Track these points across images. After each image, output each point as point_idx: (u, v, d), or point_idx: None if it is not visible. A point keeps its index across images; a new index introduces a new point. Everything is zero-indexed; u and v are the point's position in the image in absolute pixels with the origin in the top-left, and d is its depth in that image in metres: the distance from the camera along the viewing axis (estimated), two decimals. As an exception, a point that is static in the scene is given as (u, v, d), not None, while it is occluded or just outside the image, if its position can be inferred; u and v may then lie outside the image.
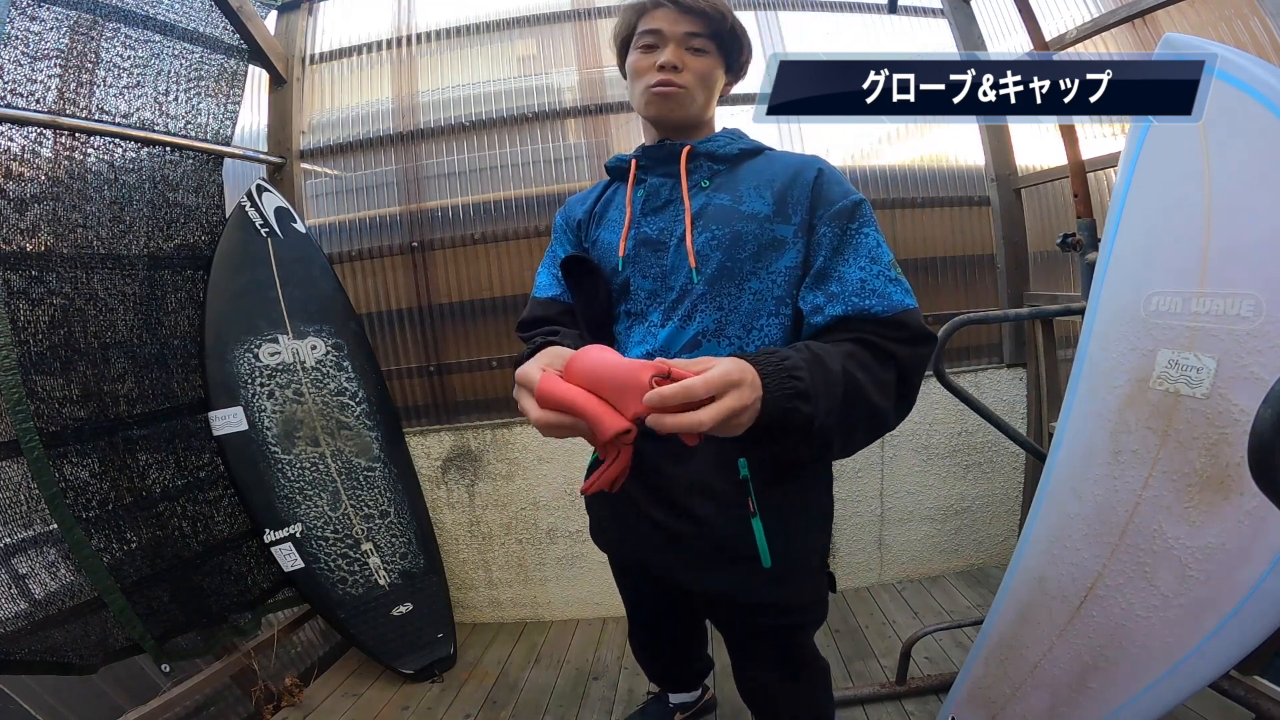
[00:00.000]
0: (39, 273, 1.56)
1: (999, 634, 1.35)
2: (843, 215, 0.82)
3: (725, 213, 0.86)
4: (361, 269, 2.38)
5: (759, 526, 0.86)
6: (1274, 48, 1.48)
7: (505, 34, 2.46)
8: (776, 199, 0.85)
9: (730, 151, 0.90)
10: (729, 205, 0.87)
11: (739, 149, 0.91)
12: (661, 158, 0.92)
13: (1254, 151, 1.02)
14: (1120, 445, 1.17)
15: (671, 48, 0.87)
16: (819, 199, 0.83)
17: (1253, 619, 0.98)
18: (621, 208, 0.95)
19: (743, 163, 0.91)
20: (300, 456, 1.99)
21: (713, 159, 0.91)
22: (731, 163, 0.91)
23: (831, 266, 0.81)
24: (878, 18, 2.44)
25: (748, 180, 0.88)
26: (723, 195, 0.88)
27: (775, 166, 0.88)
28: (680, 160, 0.90)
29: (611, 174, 1.01)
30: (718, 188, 0.89)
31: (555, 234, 1.06)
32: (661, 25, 0.87)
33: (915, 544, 2.38)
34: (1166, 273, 1.13)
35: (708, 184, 0.90)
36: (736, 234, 0.84)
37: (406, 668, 2.01)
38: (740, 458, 0.86)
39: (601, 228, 0.97)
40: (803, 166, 0.86)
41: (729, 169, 0.90)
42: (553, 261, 1.03)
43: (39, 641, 1.47)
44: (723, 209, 0.87)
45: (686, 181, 0.89)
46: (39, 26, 1.59)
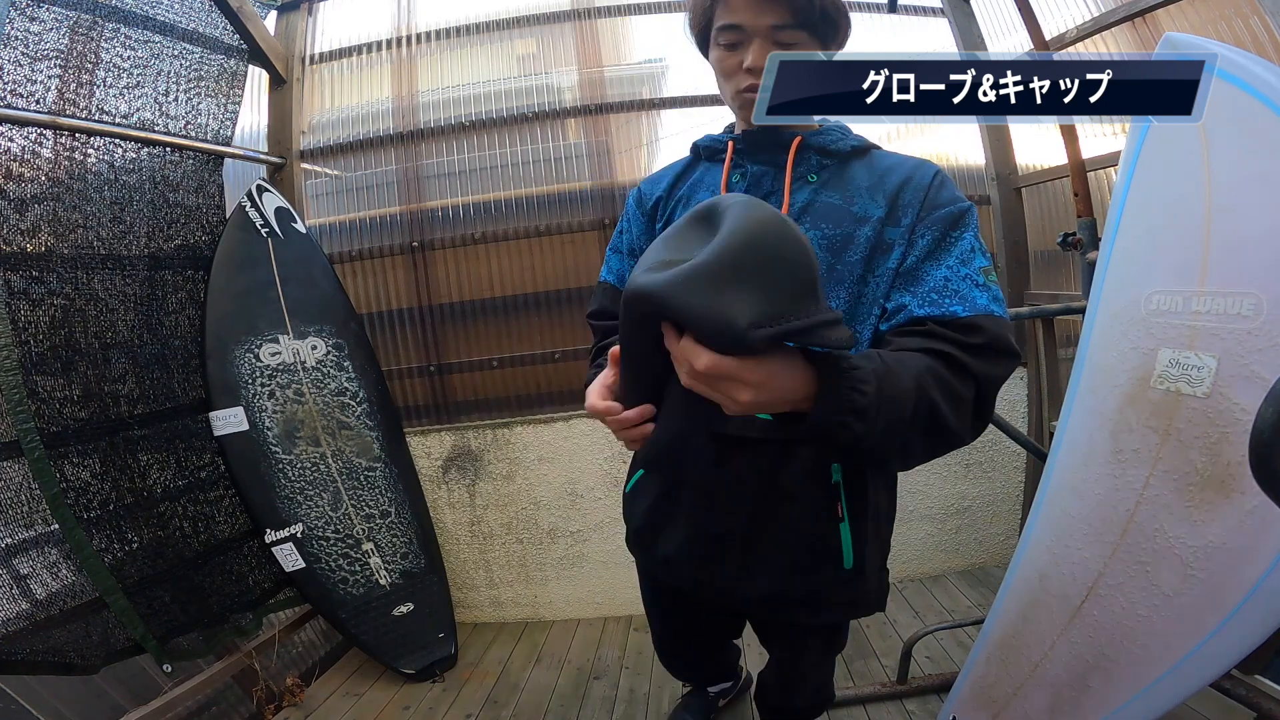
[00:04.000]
0: (39, 273, 1.57)
1: (1000, 633, 1.35)
2: (946, 220, 0.78)
3: (836, 212, 0.81)
4: (362, 269, 2.38)
5: (846, 530, 0.85)
6: (1274, 46, 1.48)
7: (505, 34, 2.46)
8: (889, 201, 0.80)
9: (842, 148, 0.84)
10: (839, 204, 0.81)
11: (850, 146, 0.85)
12: (765, 144, 0.85)
13: (1254, 150, 1.02)
14: (1121, 444, 1.17)
15: (757, 45, 0.77)
16: (929, 202, 0.79)
17: (1254, 618, 0.98)
18: (713, 191, 0.88)
19: (852, 160, 0.85)
20: (301, 456, 1.99)
21: (823, 153, 0.84)
22: (841, 159, 0.84)
23: (922, 267, 0.77)
24: (878, 17, 2.44)
25: (859, 180, 0.82)
26: (831, 193, 0.82)
27: (888, 167, 0.83)
28: (789, 151, 0.83)
29: (699, 153, 0.93)
30: (824, 183, 0.83)
31: (626, 216, 1.00)
32: (742, 20, 0.77)
33: (916, 543, 2.38)
34: (1167, 271, 1.13)
35: (814, 179, 0.84)
36: (847, 236, 0.80)
37: (408, 668, 2.02)
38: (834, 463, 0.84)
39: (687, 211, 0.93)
40: (918, 169, 0.82)
41: (838, 165, 0.84)
42: (620, 244, 0.99)
43: (41, 641, 1.47)
44: (832, 207, 0.81)
45: (791, 174, 0.83)
46: (39, 27, 1.59)
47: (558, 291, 2.34)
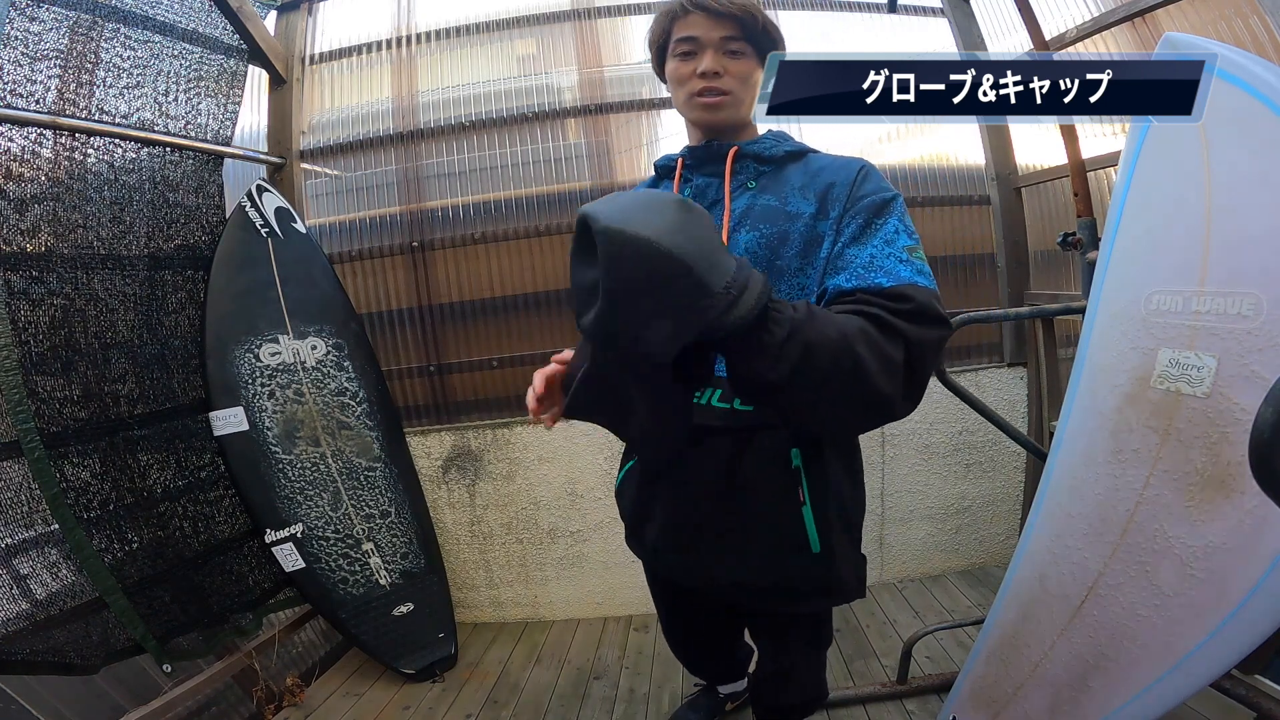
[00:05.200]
0: (39, 273, 1.57)
1: (1000, 633, 1.35)
2: (870, 208, 0.82)
3: (771, 212, 0.88)
4: (361, 269, 2.38)
5: (809, 514, 0.89)
6: (1274, 46, 1.48)
7: (505, 34, 2.45)
8: (819, 198, 0.86)
9: (776, 153, 0.92)
10: (775, 205, 0.88)
11: (784, 151, 0.92)
12: (708, 158, 0.94)
13: (1254, 150, 1.01)
14: (1121, 444, 1.17)
15: (710, 54, 0.89)
16: (854, 194, 0.84)
17: (1254, 618, 0.98)
18: None
19: (788, 164, 0.92)
20: (301, 456, 1.99)
21: (759, 160, 0.92)
22: (777, 164, 0.92)
23: (846, 252, 0.81)
24: (878, 17, 2.44)
25: (793, 181, 0.89)
26: (768, 196, 0.89)
27: (819, 167, 0.90)
28: (726, 161, 0.92)
29: (659, 172, 1.03)
30: (763, 188, 0.91)
31: None
32: (697, 32, 0.89)
33: (916, 543, 2.38)
34: (1167, 271, 1.13)
35: (754, 185, 0.92)
36: (783, 233, 0.86)
37: (408, 668, 2.02)
38: (793, 448, 0.88)
39: None
40: (846, 166, 0.88)
41: (774, 170, 0.92)
42: None
43: (41, 642, 1.47)
44: (769, 209, 0.88)
45: (730, 182, 0.92)
46: (39, 27, 1.59)
47: (558, 291, 2.34)
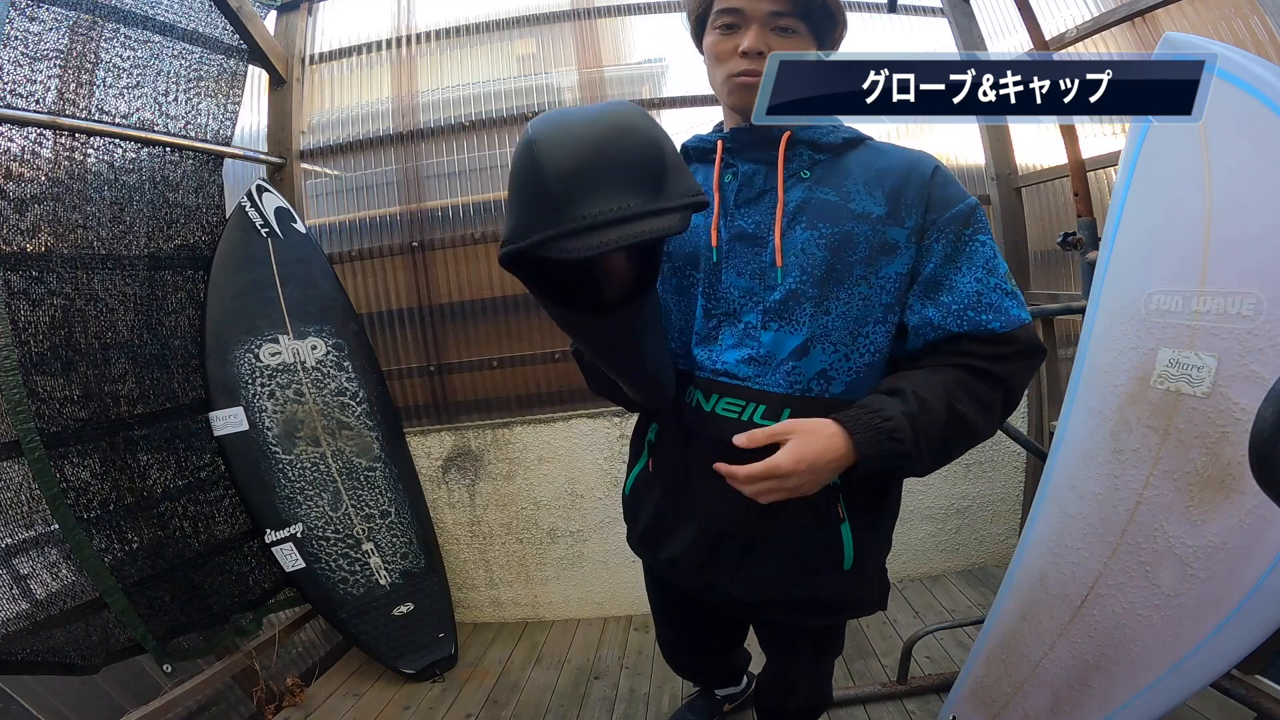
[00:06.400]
0: (39, 273, 1.56)
1: (1000, 633, 1.35)
2: (958, 220, 0.77)
3: (833, 210, 0.79)
4: (361, 269, 2.37)
5: (847, 531, 0.86)
6: (1274, 46, 1.47)
7: (505, 34, 2.45)
8: (889, 198, 0.78)
9: (834, 140, 0.82)
10: (835, 201, 0.79)
11: (842, 138, 0.82)
12: (754, 142, 0.83)
13: (1254, 150, 1.01)
14: (1121, 444, 1.17)
15: (755, 30, 0.76)
16: (934, 201, 0.77)
17: (1254, 618, 0.98)
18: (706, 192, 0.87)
19: (846, 153, 0.82)
20: (301, 456, 1.99)
21: (814, 148, 0.82)
22: (834, 153, 0.82)
23: (944, 274, 0.76)
24: (878, 17, 2.44)
25: (854, 174, 0.80)
26: (827, 190, 0.80)
27: (885, 161, 0.81)
28: (779, 147, 0.81)
29: (689, 155, 0.90)
30: (820, 180, 0.81)
31: None
32: (742, 4, 0.77)
33: (916, 543, 2.37)
34: (1167, 271, 1.13)
35: (808, 175, 0.81)
36: (847, 235, 0.78)
37: (408, 668, 2.01)
38: None
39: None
40: (916, 163, 0.80)
41: (831, 159, 0.82)
42: None
43: (41, 642, 1.47)
44: (828, 205, 0.79)
45: (783, 171, 0.81)
46: (39, 27, 1.59)
47: (558, 292, 2.34)
